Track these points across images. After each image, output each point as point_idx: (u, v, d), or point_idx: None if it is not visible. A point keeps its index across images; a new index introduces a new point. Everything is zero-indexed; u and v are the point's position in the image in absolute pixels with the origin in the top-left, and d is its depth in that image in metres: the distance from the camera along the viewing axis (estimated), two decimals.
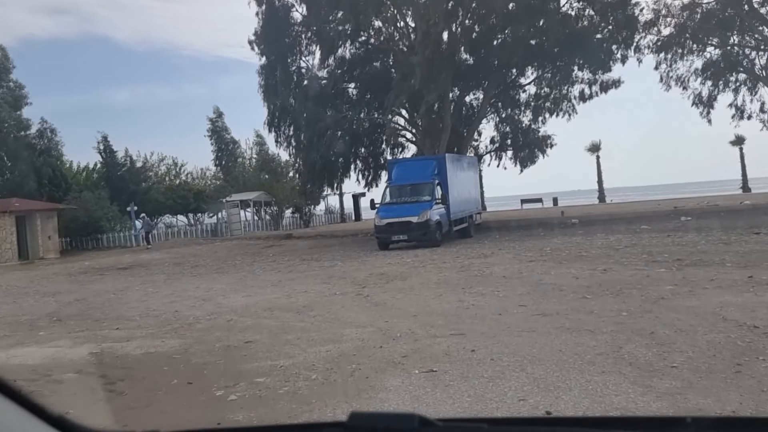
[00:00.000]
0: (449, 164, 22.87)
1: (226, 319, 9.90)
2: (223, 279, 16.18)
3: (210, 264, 21.48)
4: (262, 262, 20.68)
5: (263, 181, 45.16)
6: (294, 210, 46.95)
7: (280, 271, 16.95)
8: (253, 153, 48.77)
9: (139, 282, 17.15)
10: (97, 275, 20.60)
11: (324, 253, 22.15)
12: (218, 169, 49.51)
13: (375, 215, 21.80)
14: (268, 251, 25.49)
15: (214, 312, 10.70)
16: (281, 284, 13.96)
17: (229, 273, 17.82)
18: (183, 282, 16.22)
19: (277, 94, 31.39)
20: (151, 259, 26.01)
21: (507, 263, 14.66)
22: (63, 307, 13.18)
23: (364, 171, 33.07)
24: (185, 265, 21.70)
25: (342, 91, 32.10)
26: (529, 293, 10.23)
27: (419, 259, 17.01)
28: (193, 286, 14.89)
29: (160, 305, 12.11)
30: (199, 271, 19.29)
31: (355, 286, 12.71)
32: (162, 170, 51.35)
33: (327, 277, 14.56)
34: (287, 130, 31.80)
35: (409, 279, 13.19)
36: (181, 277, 17.82)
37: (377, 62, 32.34)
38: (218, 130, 48.61)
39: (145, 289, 15.11)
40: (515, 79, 32.34)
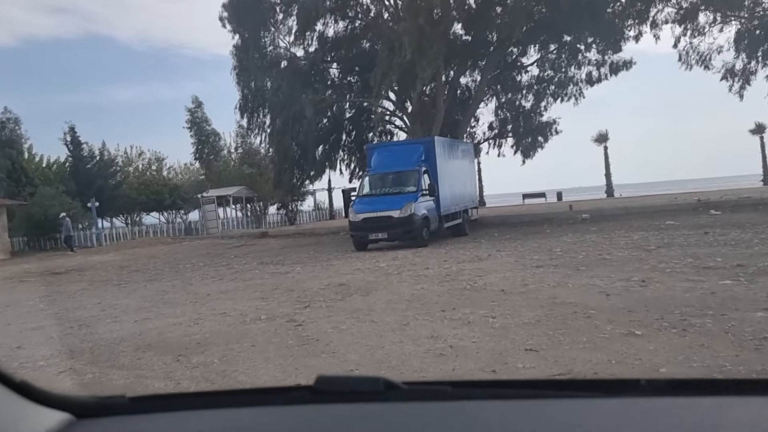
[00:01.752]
0: (439, 149, 19.27)
1: (57, 371, 6.29)
2: (145, 290, 12.62)
3: (152, 269, 17.93)
4: (213, 266, 17.13)
5: (246, 176, 41.63)
6: (279, 206, 43.43)
7: (221, 279, 13.39)
8: (234, 145, 45.18)
9: (46, 293, 13.62)
10: (13, 282, 17.07)
11: (292, 254, 18.59)
12: (198, 163, 45.95)
13: (350, 209, 18.22)
14: (232, 252, 21.97)
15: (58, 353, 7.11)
16: (204, 300, 10.40)
17: (161, 281, 14.26)
18: (94, 295, 12.66)
19: (250, 75, 27.86)
20: (97, 261, 22.47)
21: (507, 269, 11.08)
22: None
23: (348, 161, 29.52)
24: (126, 270, 18.18)
25: (322, 72, 28.56)
26: (539, 321, 6.67)
27: (396, 264, 13.44)
28: (96, 302, 11.33)
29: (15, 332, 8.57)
30: (132, 278, 15.73)
31: (297, 304, 9.14)
32: (141, 165, 48.06)
33: (271, 290, 11.00)
34: (261, 115, 28.27)
35: (373, 293, 9.62)
36: (102, 286, 14.27)
37: (364, 41, 28.67)
38: (198, 122, 44.97)
39: (36, 306, 11.56)
40: (516, 59, 28.71)
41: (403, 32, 21.12)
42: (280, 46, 28.24)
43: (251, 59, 27.31)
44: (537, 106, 29.89)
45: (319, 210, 46.51)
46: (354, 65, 28.28)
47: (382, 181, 18.39)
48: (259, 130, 28.53)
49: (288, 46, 28.17)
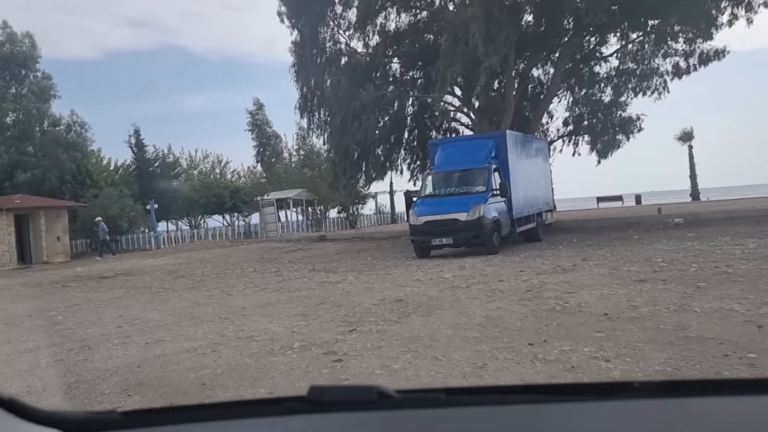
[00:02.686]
0: (511, 145, 17.11)
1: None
2: (178, 301, 11.10)
3: (199, 274, 16.57)
4: (262, 272, 15.60)
5: (306, 178, 40.42)
6: (340, 209, 42.01)
7: (265, 289, 11.72)
8: (295, 147, 44.07)
9: (76, 301, 12.31)
10: (55, 288, 16.02)
11: (347, 260, 16.84)
12: (260, 165, 45.11)
13: (411, 211, 16.30)
14: (286, 257, 20.44)
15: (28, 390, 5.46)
16: (236, 317, 8.71)
17: (200, 289, 12.74)
18: (123, 305, 11.23)
19: (309, 72, 26.42)
20: (149, 266, 21.42)
21: (602, 284, 8.91)
22: None
23: (410, 162, 27.61)
24: (172, 276, 16.89)
25: (383, 67, 26.77)
26: (678, 370, 4.57)
27: (464, 274, 11.43)
28: (119, 314, 9.84)
29: (5, 354, 7.07)
30: (173, 285, 14.34)
31: (342, 326, 7.31)
32: (205, 167, 47.79)
33: (315, 304, 9.21)
34: (320, 114, 26.73)
35: (436, 313, 7.67)
36: (137, 294, 12.89)
37: (427, 34, 26.68)
38: (259, 124, 44.14)
39: (54, 318, 10.18)
40: (594, 49, 26.09)
41: (470, 18, 19.06)
42: (340, 41, 26.66)
43: (310, 55, 25.87)
44: (616, 101, 27.13)
45: (380, 213, 44.82)
46: (416, 60, 26.36)
47: (446, 180, 16.40)
48: (318, 129, 27.04)
49: (347, 41, 26.56)
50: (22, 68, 36.90)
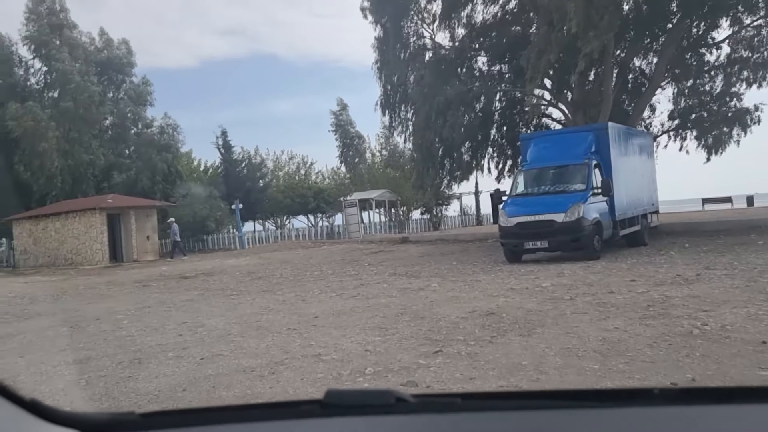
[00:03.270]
0: (614, 138, 15.32)
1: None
2: (249, 305, 10.25)
3: (277, 276, 15.85)
4: (341, 275, 14.66)
5: (389, 179, 39.55)
6: (423, 211, 40.84)
7: (341, 295, 10.69)
8: (378, 147, 43.28)
9: (149, 303, 11.76)
10: (135, 288, 15.74)
11: (431, 264, 15.62)
12: (343, 166, 44.67)
13: (500, 212, 14.85)
14: (367, 258, 19.49)
15: None
16: (306, 327, 7.69)
17: (274, 293, 11.90)
18: (192, 309, 10.52)
19: (392, 68, 25.43)
20: (230, 266, 21.06)
21: (743, 300, 7.23)
22: None
23: (497, 160, 26.03)
24: (250, 277, 16.28)
25: (469, 61, 25.32)
26: None
27: (564, 283, 9.93)
28: (184, 320, 9.07)
29: (50, 365, 6.34)
30: (249, 287, 13.62)
31: (424, 345, 6.11)
32: (290, 169, 48.02)
33: (395, 315, 8.06)
34: (403, 111, 25.66)
35: (538, 333, 6.33)
36: (211, 297, 12.20)
37: (517, 26, 25.01)
38: (342, 124, 43.70)
39: (119, 323, 9.56)
40: (702, 35, 23.55)
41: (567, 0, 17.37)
42: (424, 36, 25.47)
43: (392, 50, 24.87)
44: (728, 92, 24.40)
45: (465, 215, 43.27)
46: (504, 53, 24.75)
47: (541, 177, 14.84)
48: (400, 127, 25.96)
49: (432, 35, 25.32)
50: (119, 73, 38.13)
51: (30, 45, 33.93)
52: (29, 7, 33.41)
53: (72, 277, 21.23)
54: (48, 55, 33.79)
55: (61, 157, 33.63)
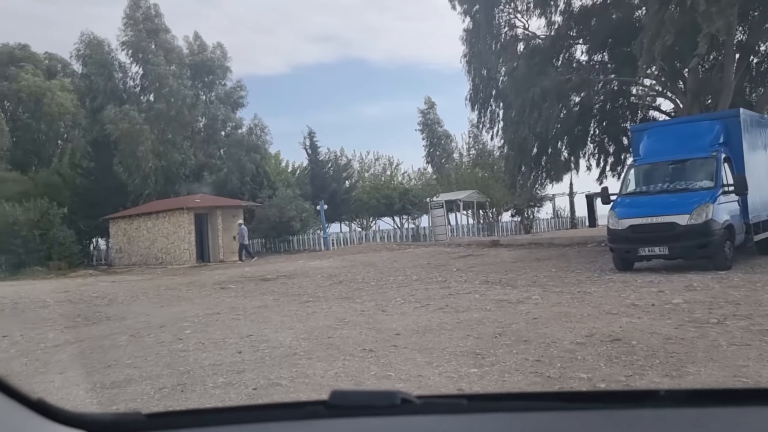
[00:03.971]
0: (746, 127, 13.03)
1: None
2: (324, 315, 9.04)
3: (359, 280, 14.68)
4: (426, 281, 13.28)
5: (478, 179, 37.76)
6: (514, 213, 38.76)
7: (427, 306, 9.28)
8: (466, 147, 41.51)
9: (220, 309, 10.84)
10: (212, 290, 15.04)
11: (527, 271, 13.93)
12: (430, 166, 43.25)
13: (609, 213, 12.94)
14: (455, 263, 18.01)
15: None
16: (385, 348, 6.34)
17: (353, 300, 10.68)
18: (262, 318, 9.44)
19: (482, 61, 23.82)
20: (312, 268, 20.18)
21: None
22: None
23: (597, 156, 23.80)
24: (330, 281, 15.22)
25: (566, 50, 23.29)
26: None
27: (700, 300, 8.05)
28: (249, 332, 7.97)
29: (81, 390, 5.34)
30: (327, 292, 12.51)
31: (536, 383, 4.60)
32: (376, 170, 47.19)
33: (491, 337, 6.57)
34: (493, 106, 23.97)
35: (691, 372, 4.67)
36: (286, 303, 11.15)
37: (617, 12, 22.69)
38: (430, 123, 42.29)
39: (181, 332, 8.61)
40: None
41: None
42: (516, 25, 23.64)
43: (483, 42, 23.26)
44: None
45: (557, 217, 40.75)
46: (605, 40, 22.48)
47: (657, 173, 12.78)
48: (490, 122, 24.24)
49: (525, 24, 23.48)
50: (212, 76, 38.51)
51: (128, 50, 34.83)
52: (127, 13, 34.30)
53: (157, 277, 21.06)
54: (144, 59, 34.57)
55: (155, 158, 34.30)
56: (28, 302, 14.23)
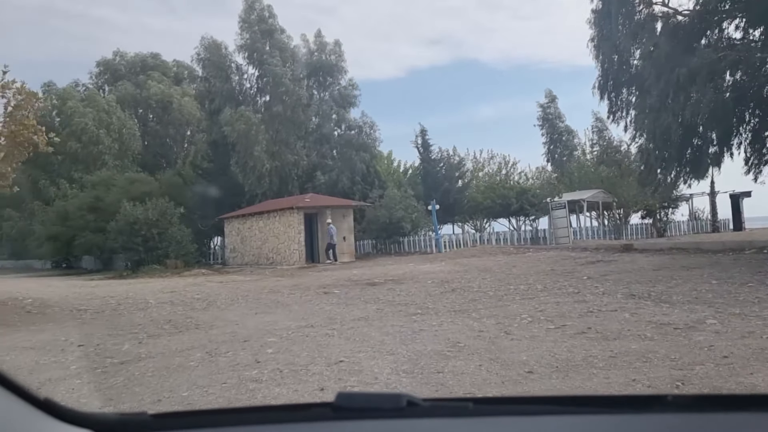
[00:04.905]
0: None
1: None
2: (432, 335, 7.30)
3: (474, 289, 12.83)
4: (554, 292, 11.19)
5: (603, 178, 34.41)
6: (644, 214, 34.99)
7: (563, 327, 7.29)
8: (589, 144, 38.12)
9: (326, 320, 9.44)
10: (314, 295, 13.79)
11: (678, 282, 11.42)
12: (550, 164, 40.23)
13: None
14: (585, 270, 15.66)
15: None
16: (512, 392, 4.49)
17: (468, 315, 8.87)
18: (358, 338, 7.88)
19: (612, 44, 21.07)
20: (423, 272, 18.58)
21: None
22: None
23: (752, 151, 20.25)
24: (442, 288, 13.50)
25: (716, 26, 19.98)
26: None
27: None
28: (339, 358, 6.42)
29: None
30: (439, 304, 10.77)
31: None
32: (491, 169, 44.93)
33: (671, 380, 4.54)
34: (624, 93, 21.14)
35: None
36: (392, 316, 9.54)
37: None
38: (550, 118, 39.31)
39: (280, 344, 7.22)
40: None
41: None
42: (653, 2, 20.67)
43: (614, 23, 20.51)
44: None
45: (696, 220, 36.37)
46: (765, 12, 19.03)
47: None
48: (622, 111, 21.39)
49: (664, 0, 20.46)
50: (328, 76, 37.97)
51: (244, 52, 35.05)
52: (242, 16, 34.52)
53: (264, 278, 20.35)
54: (260, 60, 34.63)
55: (269, 158, 34.25)
56: (130, 303, 13.73)
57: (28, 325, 10.45)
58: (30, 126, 13.39)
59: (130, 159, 45.50)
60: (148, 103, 48.48)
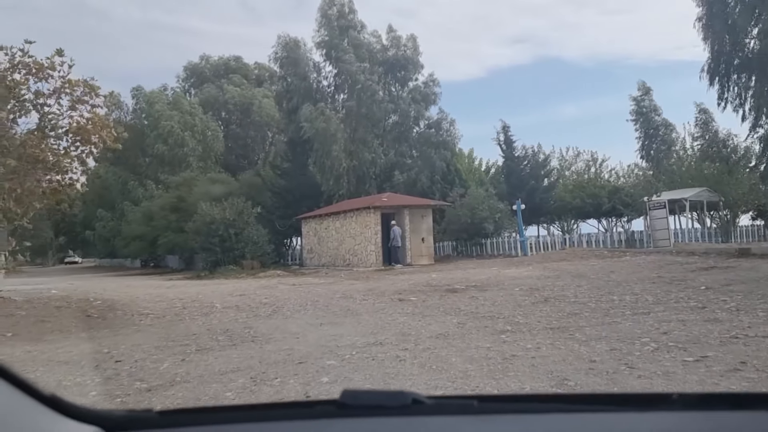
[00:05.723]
0: None
1: None
2: (529, 363, 5.71)
3: (570, 298, 11.06)
4: (672, 306, 9.28)
5: (707, 175, 31.13)
6: (755, 215, 31.43)
7: (704, 360, 5.49)
8: (690, 139, 34.73)
9: (399, 335, 8.04)
10: (388, 303, 12.42)
11: None
12: (644, 161, 37.05)
13: None
14: (699, 277, 13.47)
15: None
16: None
17: (571, 334, 7.18)
18: (437, 364, 6.41)
19: (725, 22, 18.58)
20: (509, 277, 16.85)
21: None
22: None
23: None
24: (533, 296, 11.82)
25: None
26: None
27: None
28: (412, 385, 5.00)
29: None
30: (532, 317, 9.12)
31: None
32: (578, 167, 42.26)
33: None
34: (741, 76, 18.56)
35: None
36: (476, 333, 8.00)
37: None
38: (645, 111, 36.18)
39: (330, 378, 5.88)
40: None
41: None
42: None
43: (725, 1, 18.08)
44: None
45: None
46: None
47: None
48: (737, 98, 18.82)
49: None
50: (404, 72, 36.65)
51: (322, 49, 34.32)
52: (321, 11, 33.77)
53: (338, 281, 19.22)
54: (337, 57, 33.77)
55: (347, 157, 33.34)
56: (195, 307, 12.90)
57: (80, 332, 9.69)
58: (98, 121, 12.83)
59: (213, 160, 46.08)
60: (229, 106, 49.02)
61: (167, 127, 43.42)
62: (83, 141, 12.91)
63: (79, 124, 12.64)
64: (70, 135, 12.87)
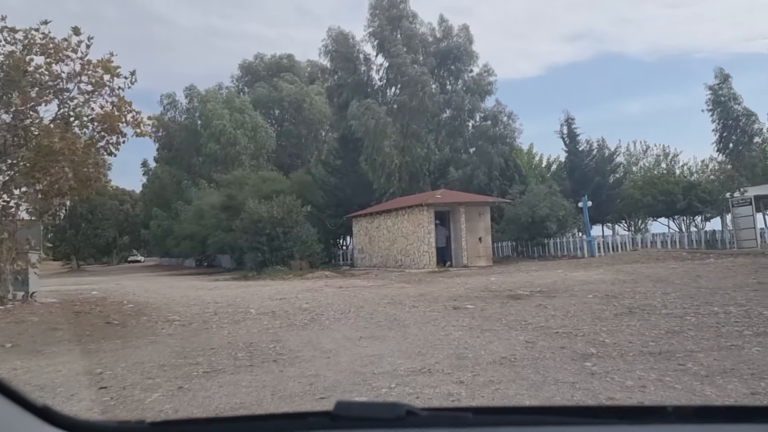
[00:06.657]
0: None
1: None
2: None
3: (659, 308, 9.15)
4: None
5: None
6: None
7: None
8: None
9: (452, 358, 6.41)
10: (442, 311, 10.76)
11: None
12: (721, 154, 33.90)
13: None
14: None
15: None
16: None
17: (676, 362, 5.35)
18: (498, 398, 4.72)
19: None
20: (578, 281, 14.88)
21: None
22: None
23: None
24: (613, 303, 9.95)
25: None
26: None
27: None
28: None
29: None
30: (617, 333, 7.29)
31: None
32: (647, 162, 39.40)
33: None
34: None
35: None
36: (549, 355, 6.26)
37: None
38: (722, 101, 33.07)
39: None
40: None
41: None
42: None
43: None
44: None
45: None
46: None
47: None
48: None
49: None
50: (458, 63, 34.77)
51: (373, 41, 32.90)
52: (372, 3, 32.34)
53: (388, 284, 17.66)
54: (388, 49, 32.26)
55: (399, 153, 31.79)
56: (229, 313, 11.64)
57: (89, 343, 8.47)
58: (123, 105, 11.69)
59: (264, 158, 45.42)
60: (283, 103, 48.32)
61: (219, 126, 42.99)
62: (110, 130, 11.80)
63: (104, 110, 11.53)
64: (96, 123, 11.79)
